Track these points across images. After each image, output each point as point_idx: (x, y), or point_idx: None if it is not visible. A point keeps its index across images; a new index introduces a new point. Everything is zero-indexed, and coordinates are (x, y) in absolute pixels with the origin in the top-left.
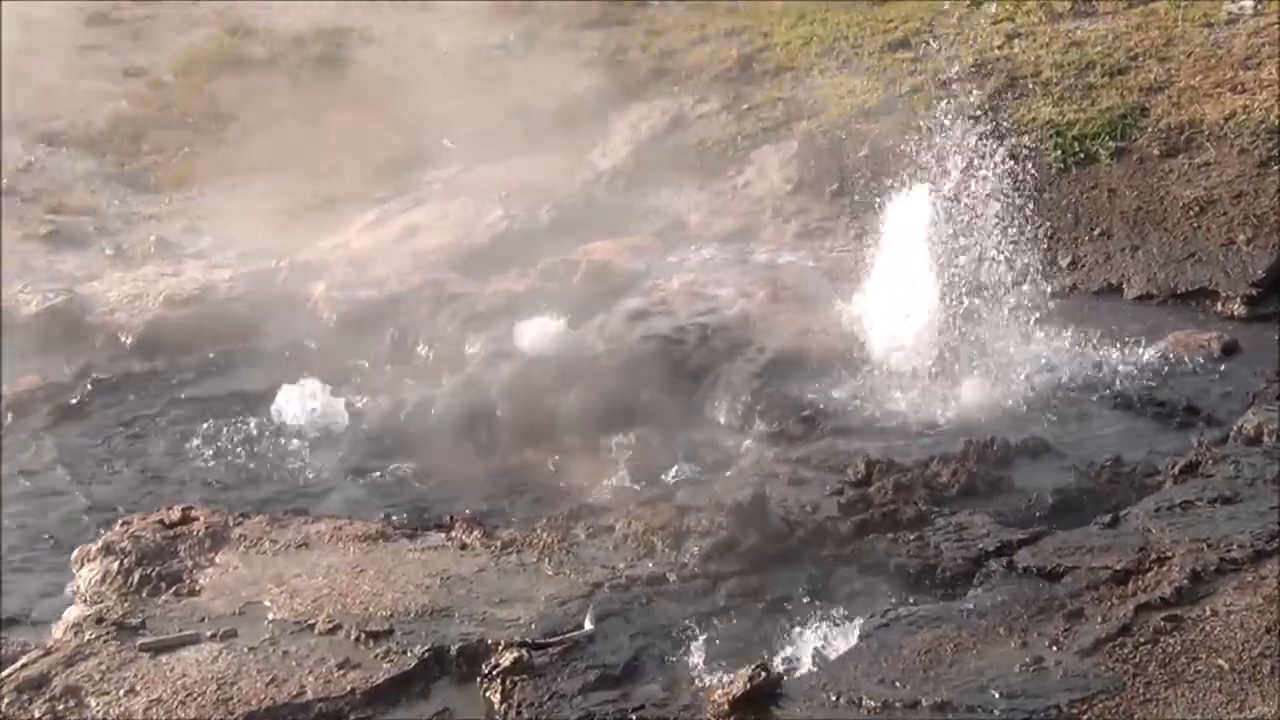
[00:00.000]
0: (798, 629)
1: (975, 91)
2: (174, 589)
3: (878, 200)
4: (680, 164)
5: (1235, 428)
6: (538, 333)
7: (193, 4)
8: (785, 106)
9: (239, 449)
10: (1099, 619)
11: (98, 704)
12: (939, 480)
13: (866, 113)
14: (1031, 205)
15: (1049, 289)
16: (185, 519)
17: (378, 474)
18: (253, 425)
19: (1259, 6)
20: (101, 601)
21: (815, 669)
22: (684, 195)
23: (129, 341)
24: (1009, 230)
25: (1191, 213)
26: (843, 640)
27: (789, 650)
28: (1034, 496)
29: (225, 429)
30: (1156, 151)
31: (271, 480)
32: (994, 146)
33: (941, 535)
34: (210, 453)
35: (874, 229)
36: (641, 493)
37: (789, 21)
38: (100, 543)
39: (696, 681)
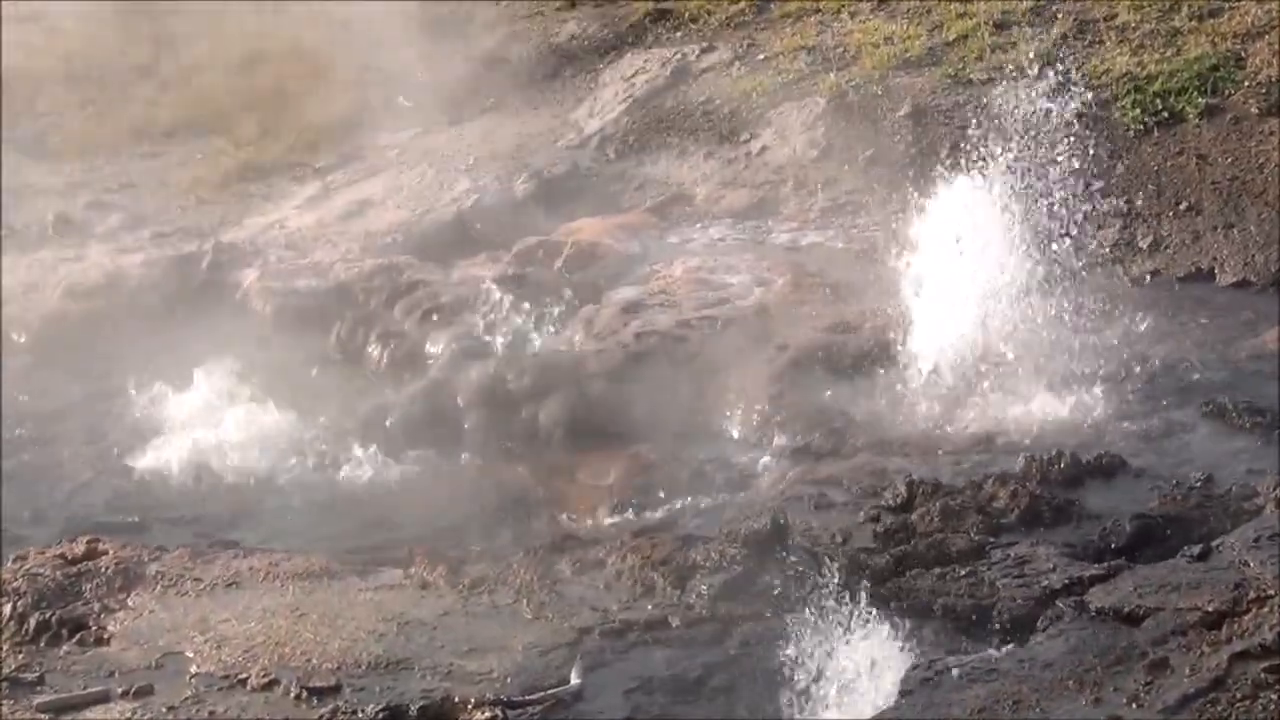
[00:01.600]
0: (826, 683)
1: (1038, 39)
2: (78, 637)
3: (920, 169)
4: (684, 126)
5: None
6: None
7: None
8: (810, 57)
9: (154, 470)
10: (1187, 670)
11: None
12: (995, 504)
13: (907, 64)
14: (1106, 175)
15: (1127, 275)
16: (91, 553)
17: (322, 499)
18: (172, 441)
19: None
20: None
21: None
22: (688, 163)
23: (23, 340)
24: (1078, 206)
25: None
26: (881, 696)
27: (816, 709)
28: (1109, 524)
29: (138, 446)
30: (1255, 110)
31: (193, 507)
32: (1060, 105)
33: (998, 571)
34: (120, 474)
35: (916, 204)
36: (638, 520)
37: None
38: None
39: None
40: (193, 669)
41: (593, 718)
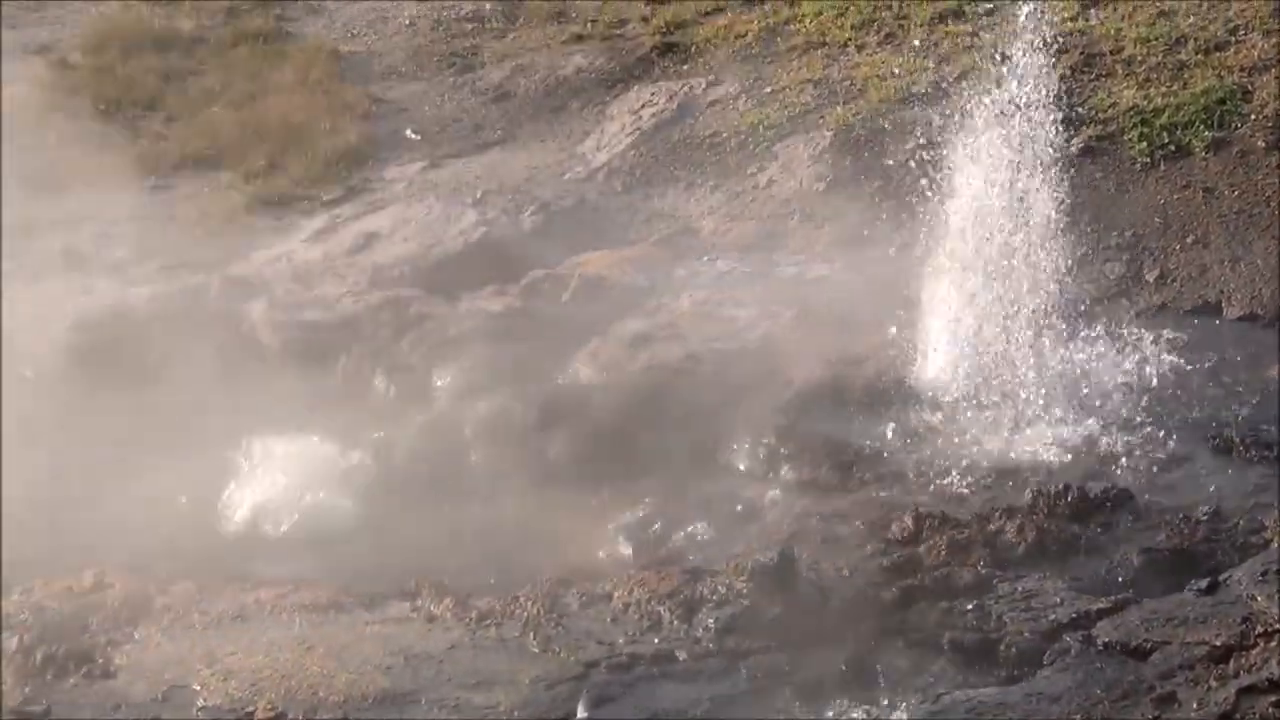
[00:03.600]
0: (833, 717)
1: (1044, 71)
2: (85, 670)
3: (928, 202)
4: (690, 159)
5: None
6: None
7: None
8: (816, 90)
9: (163, 503)
10: (1194, 705)
11: None
12: (1002, 538)
13: (913, 97)
14: (1112, 208)
15: (1133, 308)
16: (98, 585)
17: (330, 531)
18: (178, 473)
19: None
20: None
21: None
22: (695, 196)
23: (30, 374)
24: (1084, 239)
25: None
26: None
27: None
28: (1116, 558)
29: (144, 478)
30: (1261, 143)
31: (200, 539)
32: (1067, 137)
33: (1005, 604)
34: (127, 508)
35: (923, 236)
36: (645, 554)
37: None
38: None
39: None
40: (199, 702)
41: None
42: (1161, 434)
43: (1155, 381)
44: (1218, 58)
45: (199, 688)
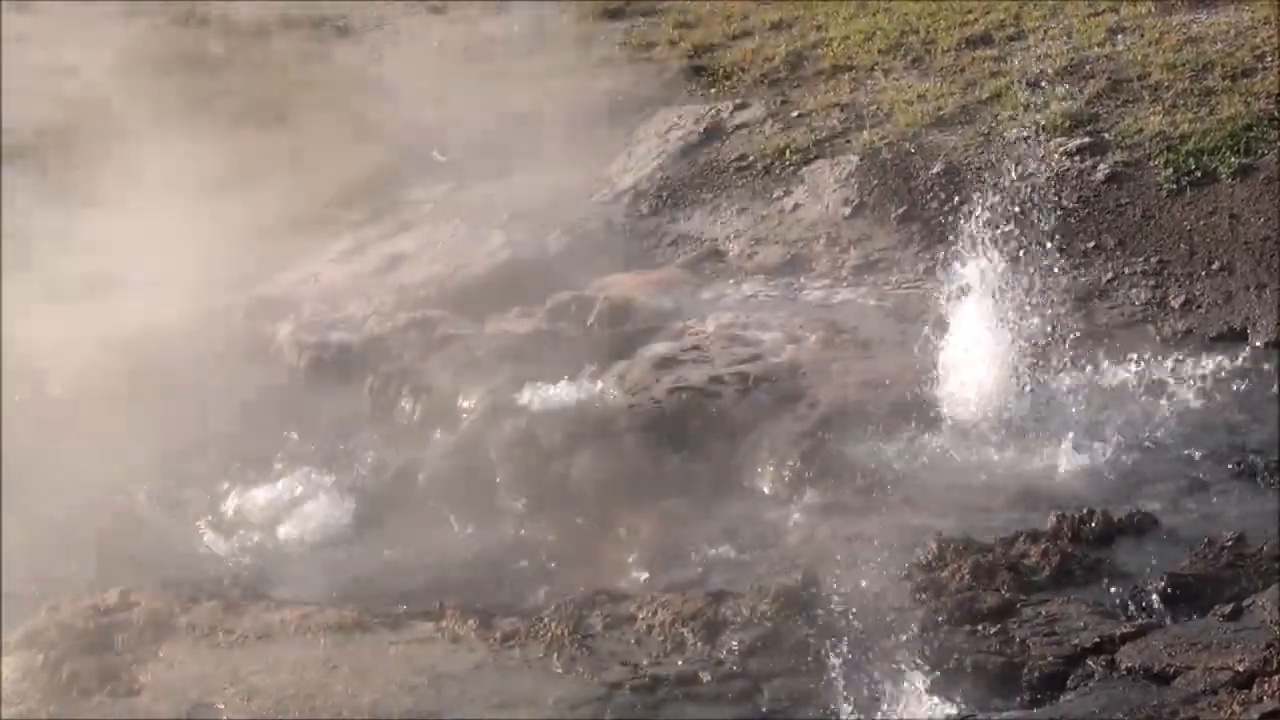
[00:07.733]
0: None
1: (1070, 97)
2: (109, 688)
3: (953, 227)
4: (717, 182)
5: None
6: None
7: None
8: (843, 114)
9: (186, 523)
10: None
11: None
12: (1026, 562)
13: (940, 121)
14: (1138, 234)
15: (1158, 334)
16: (123, 604)
17: (354, 552)
18: (203, 493)
19: None
20: (23, 702)
21: None
22: (721, 219)
23: (56, 392)
24: (1110, 265)
25: None
26: None
27: None
28: (1140, 583)
29: (170, 496)
30: None
31: (226, 560)
32: (1093, 163)
33: (1029, 629)
34: (152, 527)
35: (948, 261)
36: (669, 576)
37: (847, 12)
38: (21, 632)
39: None
40: None
41: None
42: (1186, 460)
43: (1180, 407)
44: (1245, 84)
45: (223, 706)
